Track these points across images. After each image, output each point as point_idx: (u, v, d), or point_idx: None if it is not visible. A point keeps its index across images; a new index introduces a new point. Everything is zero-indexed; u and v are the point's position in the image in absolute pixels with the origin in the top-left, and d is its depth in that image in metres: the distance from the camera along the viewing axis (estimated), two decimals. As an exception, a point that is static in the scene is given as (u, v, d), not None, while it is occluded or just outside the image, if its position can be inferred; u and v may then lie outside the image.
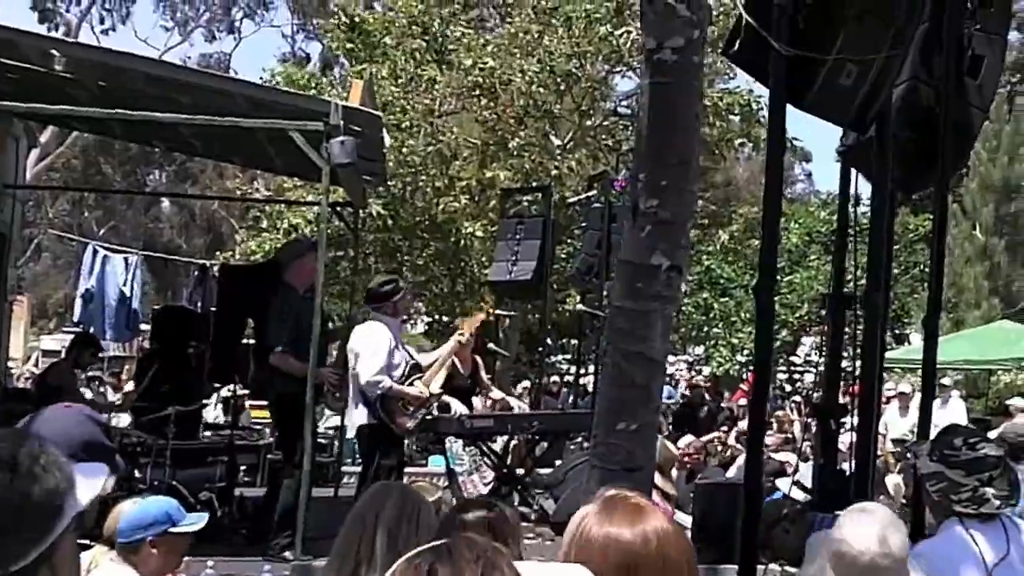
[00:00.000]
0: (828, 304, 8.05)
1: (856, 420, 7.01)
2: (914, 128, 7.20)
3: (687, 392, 23.95)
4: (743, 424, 20.05)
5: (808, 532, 6.52)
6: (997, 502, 4.71)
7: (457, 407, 12.08)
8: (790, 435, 16.51)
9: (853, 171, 7.67)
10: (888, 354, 25.13)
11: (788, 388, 31.55)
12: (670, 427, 18.35)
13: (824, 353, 7.69)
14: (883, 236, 7.05)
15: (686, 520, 10.31)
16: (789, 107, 5.88)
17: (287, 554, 9.80)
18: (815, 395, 11.69)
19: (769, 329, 6.12)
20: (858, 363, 7.19)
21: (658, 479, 8.60)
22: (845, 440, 7.22)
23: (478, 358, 13.03)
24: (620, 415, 4.83)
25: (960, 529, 4.63)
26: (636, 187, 4.82)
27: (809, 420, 15.56)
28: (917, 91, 7.12)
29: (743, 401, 24.60)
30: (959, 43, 7.28)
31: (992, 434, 13.14)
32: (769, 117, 5.91)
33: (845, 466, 7.15)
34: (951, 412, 19.84)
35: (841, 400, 7.32)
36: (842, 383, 7.39)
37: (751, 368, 30.38)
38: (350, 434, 12.34)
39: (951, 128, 7.26)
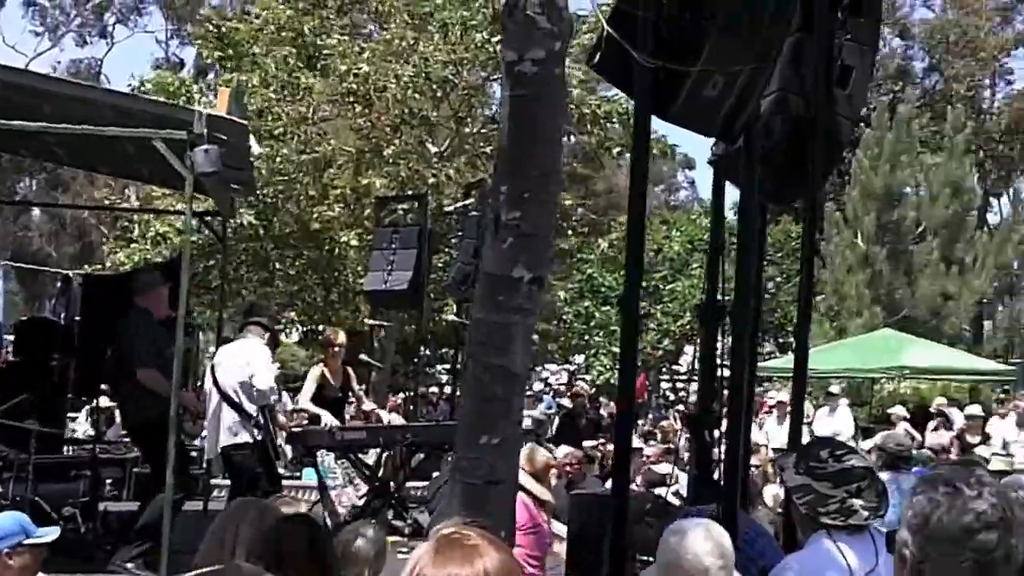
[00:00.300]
0: (700, 315, 8.07)
1: (725, 430, 7.01)
2: (784, 138, 7.22)
3: (567, 402, 23.95)
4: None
5: None
6: (865, 513, 4.69)
7: (327, 419, 11.94)
8: (672, 445, 16.55)
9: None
10: (771, 363, 25.46)
11: (672, 397, 31.78)
12: (552, 436, 18.31)
13: (699, 363, 7.70)
14: (751, 247, 7.05)
15: (562, 530, 10.25)
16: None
17: (130, 565, 9.58)
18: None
19: (634, 341, 6.06)
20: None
21: (535, 486, 8.56)
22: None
23: (349, 369, 12.92)
24: (481, 429, 4.76)
25: (828, 542, 4.59)
26: (498, 199, 4.74)
27: (681, 429, 15.65)
28: (787, 101, 7.14)
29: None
30: (828, 53, 7.31)
31: (869, 443, 13.33)
32: (634, 129, 5.85)
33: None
34: (839, 421, 20.07)
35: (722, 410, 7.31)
36: (725, 393, 7.39)
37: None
38: (210, 454, 12.09)
39: (822, 138, 7.30)
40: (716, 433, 7.06)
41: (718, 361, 7.43)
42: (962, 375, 25.45)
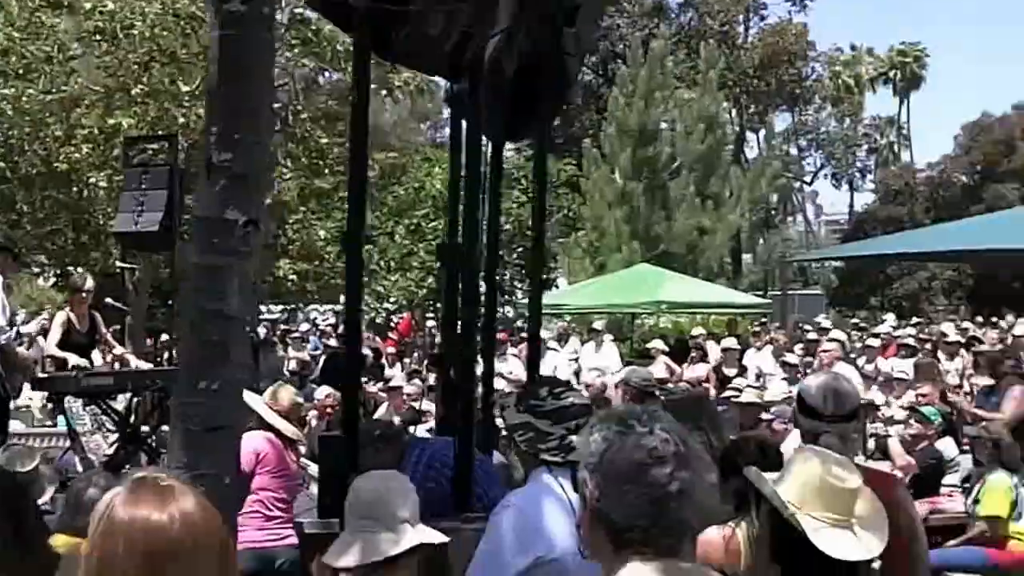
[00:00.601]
0: (439, 254, 8.12)
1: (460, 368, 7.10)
2: (512, 77, 7.28)
3: (335, 343, 23.83)
4: (390, 372, 20.13)
5: (401, 454, 6.63)
6: (584, 450, 4.79)
7: (75, 361, 11.68)
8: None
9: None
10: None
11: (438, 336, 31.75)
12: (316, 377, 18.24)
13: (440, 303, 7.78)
14: (482, 185, 7.11)
15: (315, 469, 10.26)
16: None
17: None
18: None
19: (358, 281, 6.10)
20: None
21: (282, 424, 8.58)
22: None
23: (96, 314, 12.63)
24: (199, 374, 4.72)
25: (548, 477, 4.64)
26: (209, 141, 4.67)
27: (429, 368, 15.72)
28: (513, 40, 7.19)
29: (391, 349, 24.72)
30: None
31: (615, 379, 13.52)
32: (353, 68, 5.85)
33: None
34: (605, 356, 20.38)
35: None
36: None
37: (401, 315, 30.54)
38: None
39: (554, 76, 7.39)
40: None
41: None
42: (719, 308, 26.15)
